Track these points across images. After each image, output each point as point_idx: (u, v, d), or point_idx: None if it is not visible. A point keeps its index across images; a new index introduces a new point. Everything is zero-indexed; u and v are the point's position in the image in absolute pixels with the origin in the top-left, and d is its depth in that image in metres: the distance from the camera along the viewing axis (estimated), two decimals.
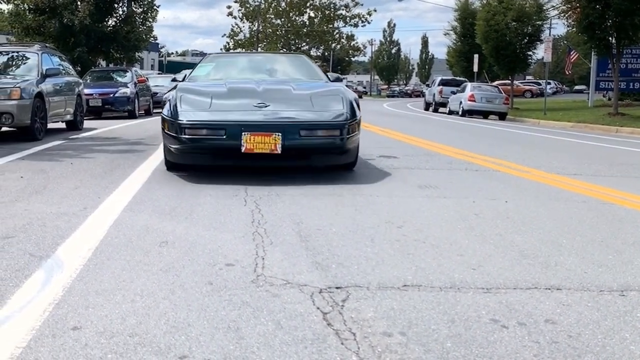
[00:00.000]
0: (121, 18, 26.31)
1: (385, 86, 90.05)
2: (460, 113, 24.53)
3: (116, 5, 26.09)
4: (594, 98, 30.16)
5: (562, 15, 21.65)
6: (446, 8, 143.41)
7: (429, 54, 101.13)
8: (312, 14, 59.67)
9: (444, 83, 30.20)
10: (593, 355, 2.09)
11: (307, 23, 59.99)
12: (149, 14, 27.57)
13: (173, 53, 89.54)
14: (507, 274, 2.94)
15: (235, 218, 4.01)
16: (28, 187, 5.15)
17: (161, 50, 66.39)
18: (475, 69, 32.60)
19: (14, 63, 10.52)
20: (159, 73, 34.67)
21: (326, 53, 63.14)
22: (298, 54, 8.68)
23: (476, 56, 32.20)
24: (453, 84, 29.09)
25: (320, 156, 5.70)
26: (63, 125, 11.69)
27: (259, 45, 55.90)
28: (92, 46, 24.95)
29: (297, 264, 3.02)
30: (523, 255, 3.29)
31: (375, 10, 73.48)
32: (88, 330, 2.21)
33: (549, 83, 47.39)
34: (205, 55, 8.28)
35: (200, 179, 5.57)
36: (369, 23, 68.78)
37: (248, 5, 57.73)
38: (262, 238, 3.51)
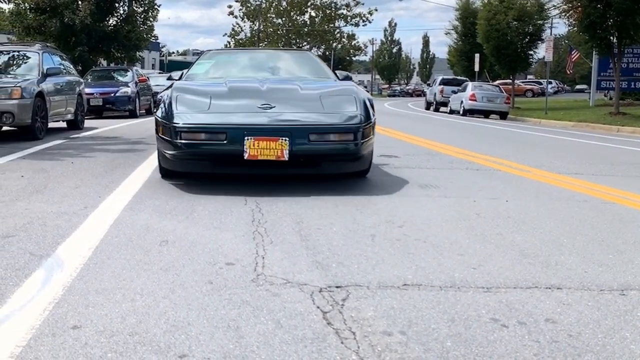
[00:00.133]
0: (122, 17, 26.37)
1: (386, 86, 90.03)
2: (461, 112, 24.52)
3: (117, 4, 26.15)
4: (595, 97, 30.18)
5: (563, 14, 21.64)
6: (447, 7, 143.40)
7: (430, 54, 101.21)
8: (313, 14, 59.66)
9: (445, 82, 30.23)
10: (593, 354, 2.09)
11: (308, 22, 59.98)
12: (150, 14, 27.64)
13: (174, 52, 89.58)
14: (508, 273, 2.93)
15: (235, 217, 4.01)
16: (29, 186, 5.15)
17: (162, 49, 66.44)
18: (476, 69, 32.61)
19: (15, 62, 10.53)
20: (160, 72, 34.68)
21: (327, 52, 63.02)
22: (303, 50, 8.36)
23: (477, 55, 32.21)
24: (454, 84, 29.12)
25: (331, 163, 5.22)
26: (64, 124, 11.71)
27: (260, 44, 55.86)
28: (93, 45, 25.00)
29: (297, 263, 3.02)
30: (523, 254, 3.29)
31: (376, 9, 73.50)
32: (88, 329, 2.21)
33: (550, 82, 47.37)
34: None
35: (200, 179, 5.56)
36: (370, 22, 68.95)
37: (249, 4, 57.74)
38: (263, 237, 3.51)
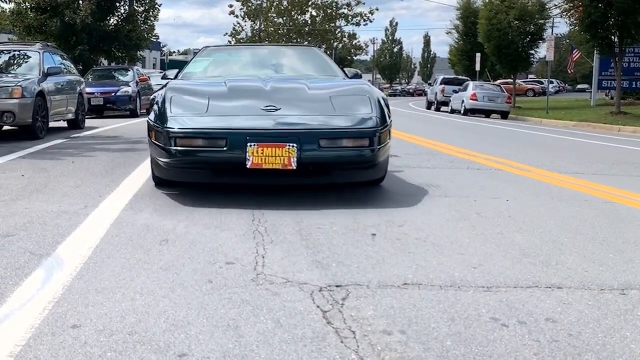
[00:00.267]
0: (123, 17, 26.36)
1: (387, 85, 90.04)
2: (462, 112, 24.53)
3: (118, 3, 26.14)
4: (597, 97, 30.19)
5: (565, 13, 21.67)
6: (449, 7, 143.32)
7: (431, 53, 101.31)
8: (314, 13, 59.60)
9: (446, 82, 30.25)
10: (593, 353, 2.08)
11: (309, 22, 59.97)
12: (151, 13, 27.64)
13: (175, 52, 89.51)
14: (508, 273, 2.93)
15: (235, 216, 4.01)
16: (29, 186, 5.15)
17: (163, 49, 66.39)
18: (477, 68, 32.64)
19: (16, 62, 10.53)
20: (161, 72, 34.68)
21: (328, 52, 63.09)
22: (308, 46, 7.96)
23: (478, 55, 32.24)
24: (455, 83, 29.15)
25: (343, 172, 4.65)
26: (64, 123, 11.72)
27: (261, 43, 55.89)
28: (94, 45, 25.00)
29: (297, 263, 3.01)
30: (524, 254, 3.28)
31: (377, 9, 73.16)
32: (87, 328, 2.21)
33: (551, 82, 47.38)
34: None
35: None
36: (371, 22, 68.89)
37: (250, 4, 57.72)
38: (263, 236, 3.50)
